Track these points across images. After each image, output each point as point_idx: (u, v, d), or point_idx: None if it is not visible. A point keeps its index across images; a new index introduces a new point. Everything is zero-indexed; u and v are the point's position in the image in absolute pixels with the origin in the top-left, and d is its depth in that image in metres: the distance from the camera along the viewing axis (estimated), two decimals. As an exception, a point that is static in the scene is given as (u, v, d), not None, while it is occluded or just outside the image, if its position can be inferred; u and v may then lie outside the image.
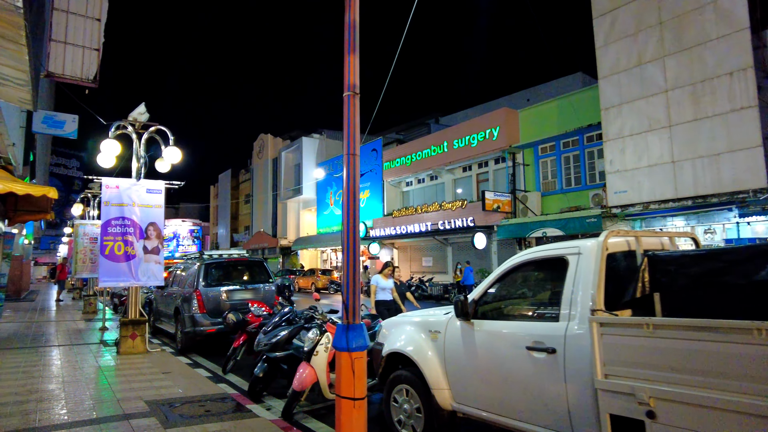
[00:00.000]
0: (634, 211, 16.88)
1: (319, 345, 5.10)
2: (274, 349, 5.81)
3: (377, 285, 8.08)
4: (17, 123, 14.25)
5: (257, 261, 9.75)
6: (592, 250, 3.18)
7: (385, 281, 8.11)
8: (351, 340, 3.64)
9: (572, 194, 20.24)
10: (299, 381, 4.95)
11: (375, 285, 8.10)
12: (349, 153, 3.89)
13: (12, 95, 7.35)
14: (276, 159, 41.46)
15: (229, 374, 6.86)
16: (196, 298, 8.42)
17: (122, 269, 7.61)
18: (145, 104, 7.67)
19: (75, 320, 13.26)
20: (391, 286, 8.14)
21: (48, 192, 7.45)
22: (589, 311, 2.98)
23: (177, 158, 7.79)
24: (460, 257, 24.74)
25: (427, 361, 4.07)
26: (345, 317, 3.74)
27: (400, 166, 28.25)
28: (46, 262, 62.22)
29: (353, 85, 3.97)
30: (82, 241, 12.27)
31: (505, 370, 3.46)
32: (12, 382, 5.72)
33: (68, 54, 12.15)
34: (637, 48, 16.55)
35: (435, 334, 4.09)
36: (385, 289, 8.08)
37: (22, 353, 7.71)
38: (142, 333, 7.69)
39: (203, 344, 8.92)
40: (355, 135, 3.93)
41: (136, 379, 5.85)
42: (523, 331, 3.39)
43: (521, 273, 3.74)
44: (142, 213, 7.80)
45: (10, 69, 6.24)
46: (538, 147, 21.62)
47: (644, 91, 16.25)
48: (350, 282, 3.75)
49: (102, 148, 7.29)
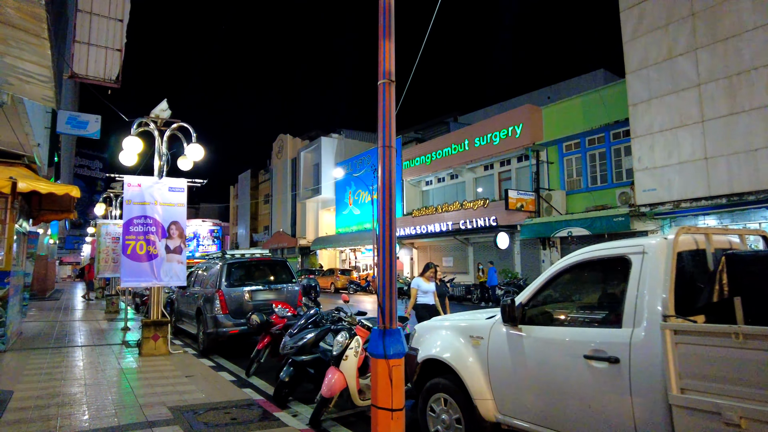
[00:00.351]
0: (663, 209, 16.32)
1: (348, 349, 4.85)
2: (300, 352, 5.58)
3: (418, 288, 7.63)
4: (42, 124, 14.36)
5: (280, 261, 9.56)
6: (660, 248, 2.86)
7: (427, 284, 7.66)
8: (388, 346, 3.38)
9: (598, 193, 19.71)
10: (328, 387, 4.71)
11: (416, 288, 7.65)
12: (384, 145, 3.63)
13: (36, 93, 7.27)
14: (295, 159, 41.48)
15: (253, 377, 6.66)
16: (219, 299, 8.25)
17: (144, 269, 7.47)
18: (167, 101, 7.52)
19: (98, 320, 13.26)
20: (433, 290, 7.68)
21: (71, 191, 7.36)
22: (659, 317, 2.67)
23: (200, 155, 7.63)
24: (481, 257, 24.32)
25: (468, 369, 3.78)
26: (381, 321, 3.48)
27: (420, 165, 27.92)
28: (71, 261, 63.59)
29: (389, 72, 3.70)
30: (104, 241, 12.26)
31: (558, 380, 3.15)
32: (34, 384, 5.60)
33: (91, 55, 12.15)
34: (667, 41, 16.00)
35: (477, 341, 3.80)
36: (427, 293, 7.63)
37: (45, 354, 7.62)
38: (164, 334, 7.55)
39: (225, 345, 8.75)
40: (390, 125, 3.66)
41: (159, 383, 5.67)
42: (579, 338, 3.08)
43: (575, 274, 3.43)
44: (165, 212, 7.65)
45: (33, 65, 6.13)
46: (562, 144, 21.11)
47: (675, 86, 15.70)
48: (386, 283, 3.49)
49: (124, 145, 7.16)
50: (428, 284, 7.66)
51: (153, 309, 7.76)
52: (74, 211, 9.86)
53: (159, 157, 7.77)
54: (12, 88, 7.05)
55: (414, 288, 7.68)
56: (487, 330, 3.74)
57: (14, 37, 5.32)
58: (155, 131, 7.69)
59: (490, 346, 3.67)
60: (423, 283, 7.64)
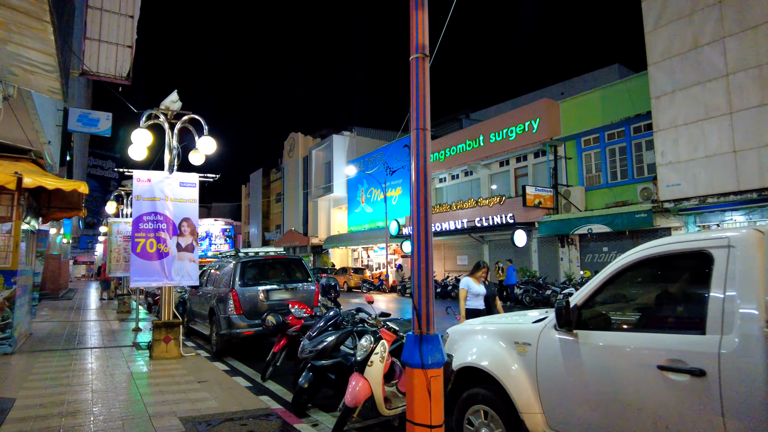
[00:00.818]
0: (688, 205, 15.75)
1: (373, 354, 4.46)
2: (320, 356, 5.20)
3: (468, 290, 6.64)
4: (53, 121, 14.17)
5: (295, 259, 9.20)
6: (751, 242, 2.43)
7: (478, 285, 6.67)
8: (426, 355, 2.98)
9: (618, 188, 19.15)
10: (352, 396, 4.32)
11: (465, 290, 6.65)
12: (418, 127, 3.23)
13: (42, 85, 6.96)
14: (306, 157, 41.25)
15: (269, 381, 6.31)
16: (233, 299, 7.91)
17: (155, 268, 7.13)
18: (177, 92, 7.18)
19: (109, 320, 13.03)
20: (484, 292, 6.69)
21: (78, 186, 7.06)
22: (758, 323, 2.24)
23: (212, 148, 7.27)
24: (497, 255, 23.82)
25: (513, 378, 3.36)
26: (416, 326, 3.08)
27: (434, 162, 27.44)
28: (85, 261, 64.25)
29: (422, 45, 3.30)
30: (115, 240, 12.01)
31: (624, 394, 2.73)
32: (40, 391, 5.27)
33: (102, 51, 11.93)
34: (692, 30, 15.41)
35: (523, 347, 3.38)
36: (478, 295, 6.63)
37: (53, 357, 7.33)
38: (175, 336, 7.21)
39: (239, 347, 8.42)
40: (424, 105, 3.26)
41: (170, 390, 5.32)
42: (651, 346, 2.66)
43: (641, 271, 2.99)
44: (176, 208, 7.31)
45: (37, 53, 5.81)
46: (580, 139, 20.56)
47: (701, 76, 15.11)
48: (422, 284, 3.09)
49: (133, 138, 6.83)
50: (479, 286, 6.65)
51: (164, 310, 7.43)
52: (84, 209, 9.59)
53: (169, 151, 7.43)
54: (17, 80, 6.74)
55: (463, 289, 6.67)
56: (536, 335, 3.33)
57: (15, 20, 5.00)
58: (165, 124, 7.35)
59: (540, 353, 3.25)
60: (474, 284, 6.65)
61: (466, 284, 6.68)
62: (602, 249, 19.58)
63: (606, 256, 19.42)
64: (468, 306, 6.58)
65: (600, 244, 19.68)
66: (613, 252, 19.31)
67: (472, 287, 6.63)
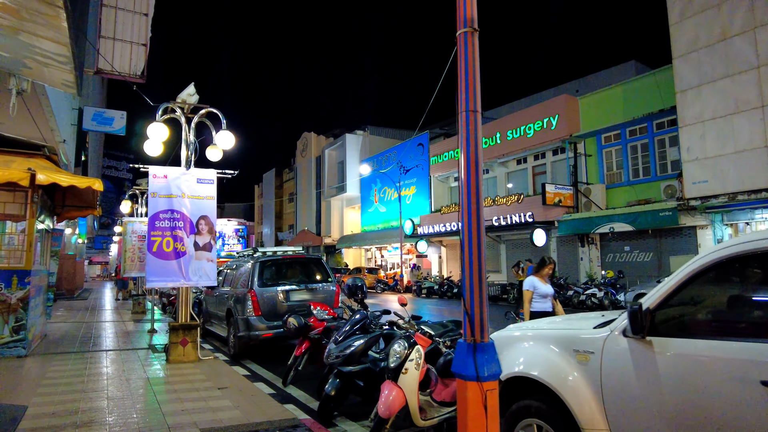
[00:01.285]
0: (717, 203, 15.21)
1: (408, 361, 4.12)
2: (347, 362, 4.88)
3: (534, 290, 5.84)
4: (68, 120, 14.06)
5: (315, 258, 8.89)
6: None
7: (545, 285, 5.88)
8: (482, 366, 2.64)
9: (640, 186, 18.62)
10: (386, 406, 3.99)
11: (531, 291, 5.87)
12: (468, 109, 2.88)
13: (56, 78, 6.73)
14: (319, 157, 41.06)
15: (290, 386, 6.01)
16: (251, 299, 7.62)
17: (171, 268, 6.86)
18: (194, 84, 6.90)
19: (124, 321, 12.84)
20: (551, 293, 5.92)
21: (93, 183, 6.81)
22: None
23: (230, 143, 6.98)
24: (514, 255, 23.37)
25: (573, 390, 3.00)
26: (469, 332, 2.74)
27: (448, 161, 27.05)
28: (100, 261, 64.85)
29: (470, 19, 2.96)
30: (130, 239, 11.82)
31: (714, 413, 2.37)
32: (53, 397, 5.00)
33: (117, 50, 11.75)
34: (720, 21, 14.88)
35: (585, 355, 3.02)
36: (545, 297, 5.83)
37: (67, 360, 7.10)
38: (193, 339, 6.93)
39: (257, 349, 8.14)
40: (474, 84, 2.91)
41: (189, 397, 5.03)
42: (750, 357, 2.29)
43: (728, 270, 2.62)
44: (193, 205, 7.03)
45: (50, 43, 5.56)
46: (601, 136, 20.06)
47: (729, 69, 14.58)
48: (475, 285, 2.75)
49: (149, 132, 6.56)
50: (546, 285, 5.89)
51: (181, 311, 7.15)
52: (98, 207, 9.38)
53: (186, 147, 7.15)
54: (31, 73, 6.52)
55: (528, 290, 5.90)
56: (599, 342, 2.96)
57: (27, 6, 4.74)
58: (182, 118, 7.08)
59: (605, 362, 2.89)
60: (540, 284, 5.86)
61: (531, 284, 5.91)
62: (624, 248, 19.08)
63: (627, 255, 18.89)
64: (534, 309, 5.85)
65: (621, 243, 19.18)
66: (635, 251, 18.80)
67: (538, 287, 5.85)
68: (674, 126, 17.28)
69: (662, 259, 17.93)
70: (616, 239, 19.18)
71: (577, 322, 3.49)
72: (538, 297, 5.83)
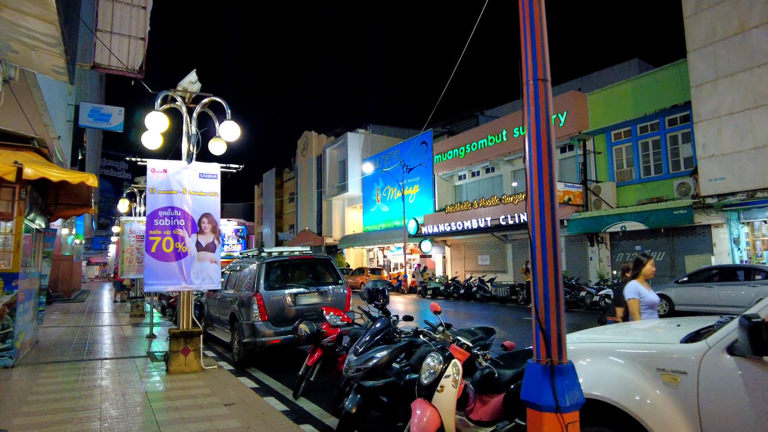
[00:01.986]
0: (734, 200, 14.73)
1: (444, 377, 3.60)
2: (370, 375, 4.36)
3: (640, 297, 4.61)
4: (64, 116, 13.51)
5: (324, 259, 8.35)
6: None
7: (650, 292, 4.71)
8: (562, 393, 2.11)
9: (652, 184, 18.15)
10: (419, 428, 3.47)
11: (637, 299, 4.60)
12: (536, 77, 2.36)
13: (45, 63, 6.19)
14: (320, 156, 40.54)
15: (301, 398, 5.50)
16: (257, 303, 7.08)
17: (172, 270, 6.32)
18: (196, 71, 6.36)
19: (122, 325, 12.29)
20: (658, 300, 4.77)
21: (87, 179, 6.27)
22: None
23: (236, 135, 6.43)
24: (521, 255, 22.88)
25: (659, 417, 2.48)
26: (543, 351, 2.21)
27: (453, 159, 26.53)
28: (98, 262, 64.31)
29: (537, -30, 2.43)
30: (128, 240, 11.28)
31: None
32: (39, 418, 4.41)
33: (114, 44, 11.22)
34: (738, 13, 14.41)
35: (673, 376, 2.50)
36: (653, 306, 4.67)
37: (58, 370, 6.54)
38: (195, 347, 6.39)
39: (263, 355, 7.60)
40: (543, 49, 2.39)
41: (193, 416, 4.47)
42: None
43: None
44: (195, 202, 6.49)
45: (36, 21, 5.01)
46: (610, 133, 19.58)
47: (748, 62, 14.12)
48: (551, 291, 2.22)
49: (147, 122, 6.01)
50: (650, 292, 4.70)
51: (182, 317, 6.61)
52: (95, 206, 8.83)
53: (188, 139, 6.61)
54: (17, 58, 5.97)
55: (634, 299, 4.60)
56: (693, 362, 2.44)
57: (8, -25, 4.23)
58: (183, 107, 6.53)
59: (704, 386, 2.37)
60: (645, 290, 4.66)
61: (635, 291, 4.63)
62: (634, 248, 18.61)
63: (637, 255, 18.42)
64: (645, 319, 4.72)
65: (632, 242, 18.71)
66: (646, 251, 18.33)
67: (644, 295, 4.63)
68: (688, 122, 16.80)
69: (675, 259, 17.49)
70: (626, 238, 18.71)
71: (653, 333, 2.97)
72: (645, 307, 4.61)
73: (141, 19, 12.01)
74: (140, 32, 11.91)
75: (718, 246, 15.90)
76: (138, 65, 11.54)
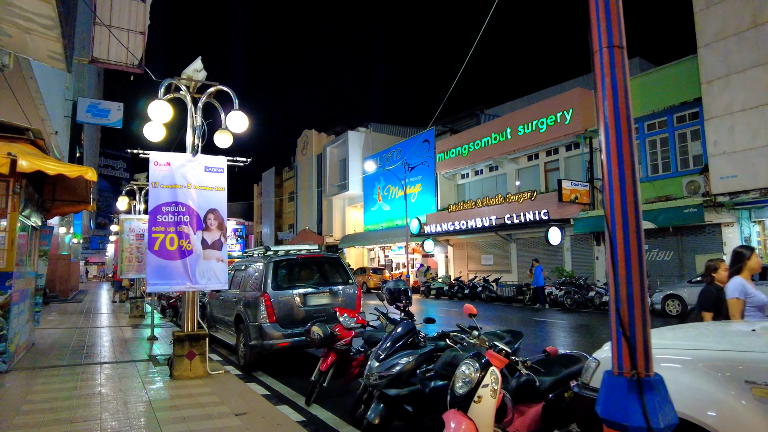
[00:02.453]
0: (747, 198, 14.44)
1: (481, 387, 3.26)
2: (394, 383, 4.03)
3: (746, 297, 3.89)
4: (61, 111, 13.13)
5: (333, 258, 8.02)
6: None
7: (758, 291, 3.95)
8: (653, 411, 1.77)
9: (660, 182, 17.84)
10: (454, 442, 3.14)
11: (742, 299, 3.88)
12: (611, 44, 2.02)
13: (40, 49, 5.83)
14: (320, 155, 40.19)
15: (314, 405, 5.17)
16: (264, 304, 6.75)
17: (176, 269, 5.97)
18: (201, 59, 6.02)
19: (121, 326, 11.93)
20: (766, 301, 3.92)
21: (85, 172, 5.93)
22: None
23: (243, 125, 6.07)
24: (525, 254, 22.57)
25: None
26: (628, 362, 1.88)
27: (456, 157, 26.21)
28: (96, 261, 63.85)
29: None
30: (127, 238, 10.92)
31: None
32: (35, 430, 4.05)
33: (113, 38, 10.88)
34: (751, 7, 14.14)
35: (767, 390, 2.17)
36: (761, 308, 3.89)
37: (55, 376, 6.18)
38: (201, 351, 6.04)
39: (270, 358, 7.26)
40: (618, 11, 2.05)
41: (202, 427, 4.10)
42: None
43: None
44: (200, 197, 6.13)
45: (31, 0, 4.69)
46: (618, 130, 19.25)
47: (761, 57, 13.85)
48: (635, 294, 1.89)
49: (150, 112, 5.65)
50: (757, 291, 3.95)
51: (187, 319, 6.26)
52: (93, 202, 8.48)
53: (192, 131, 6.26)
54: (11, 43, 5.62)
55: (738, 299, 3.88)
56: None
57: (0, -53, 3.89)
58: (187, 97, 6.18)
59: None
60: (751, 288, 3.95)
61: (740, 289, 3.91)
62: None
63: (646, 254, 18.10)
64: None
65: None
66: (654, 250, 18.07)
67: (752, 294, 3.91)
68: (697, 119, 16.52)
69: (684, 258, 17.21)
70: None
71: (737, 339, 2.63)
72: (751, 309, 3.88)
73: (140, 13, 11.66)
74: (139, 26, 11.57)
75: (729, 245, 15.62)
76: (137, 60, 11.20)
